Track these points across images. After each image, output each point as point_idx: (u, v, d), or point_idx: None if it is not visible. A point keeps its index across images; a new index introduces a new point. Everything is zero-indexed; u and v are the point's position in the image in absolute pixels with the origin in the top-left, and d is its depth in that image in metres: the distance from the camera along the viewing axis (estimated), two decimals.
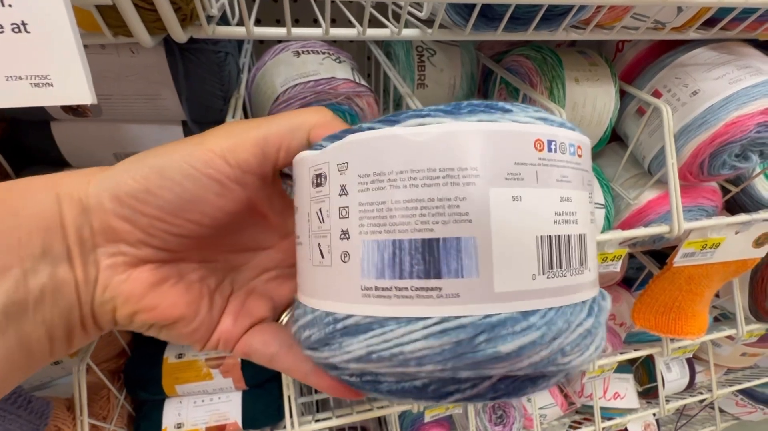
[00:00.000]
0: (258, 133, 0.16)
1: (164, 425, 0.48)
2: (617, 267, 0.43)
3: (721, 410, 0.83)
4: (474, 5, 0.29)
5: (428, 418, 0.56)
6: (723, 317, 0.68)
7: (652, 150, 0.42)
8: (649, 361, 0.70)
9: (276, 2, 0.53)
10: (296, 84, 0.37)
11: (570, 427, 0.67)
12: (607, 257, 0.41)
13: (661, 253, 0.60)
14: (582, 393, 0.67)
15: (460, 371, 0.12)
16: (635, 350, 0.58)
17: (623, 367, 0.70)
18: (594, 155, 0.49)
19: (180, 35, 0.26)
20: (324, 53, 0.40)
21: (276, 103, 0.37)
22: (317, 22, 0.31)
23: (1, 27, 0.16)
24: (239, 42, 0.45)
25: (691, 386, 0.73)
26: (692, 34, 0.37)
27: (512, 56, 0.45)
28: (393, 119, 0.13)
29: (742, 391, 0.79)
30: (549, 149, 0.13)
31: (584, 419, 0.69)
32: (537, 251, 0.12)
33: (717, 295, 0.60)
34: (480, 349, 0.12)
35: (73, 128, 0.34)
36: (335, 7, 0.38)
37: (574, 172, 0.14)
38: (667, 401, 0.66)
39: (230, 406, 0.50)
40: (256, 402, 0.50)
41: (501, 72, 0.44)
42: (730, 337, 0.59)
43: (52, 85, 0.17)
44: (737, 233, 0.42)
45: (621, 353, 0.57)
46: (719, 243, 0.42)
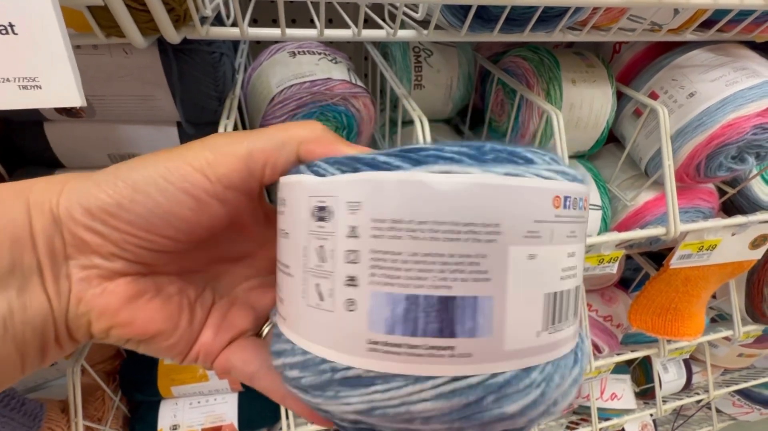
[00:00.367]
0: (242, 148, 0.15)
1: (160, 426, 0.48)
2: (614, 268, 0.43)
3: (718, 410, 0.83)
4: (470, 6, 0.29)
5: None
6: (720, 318, 0.68)
7: (649, 151, 0.42)
8: (646, 362, 0.70)
9: (272, 3, 0.53)
10: (292, 84, 0.36)
11: (567, 428, 0.67)
12: (604, 259, 0.41)
13: (658, 254, 0.60)
14: (579, 393, 0.67)
15: (465, 430, 0.12)
16: (632, 351, 0.58)
17: (620, 368, 0.70)
18: (591, 156, 0.49)
19: (173, 36, 0.26)
20: (320, 54, 0.40)
21: (271, 104, 0.37)
22: (314, 23, 0.31)
23: None
24: (235, 42, 0.45)
25: (688, 386, 0.73)
26: (689, 36, 0.37)
27: (509, 57, 0.45)
28: (413, 157, 0.12)
29: (739, 392, 0.80)
30: (564, 206, 0.13)
31: (581, 419, 0.69)
32: (544, 308, 0.12)
33: (714, 296, 0.60)
34: (488, 410, 0.12)
35: (67, 129, 0.34)
36: (332, 8, 0.38)
37: (580, 227, 0.13)
38: (664, 401, 0.66)
39: (226, 407, 0.49)
40: (253, 403, 0.50)
41: (498, 73, 0.44)
42: (727, 338, 0.59)
43: (41, 87, 0.17)
44: (734, 235, 0.42)
45: (618, 354, 0.57)
46: (716, 244, 0.42)
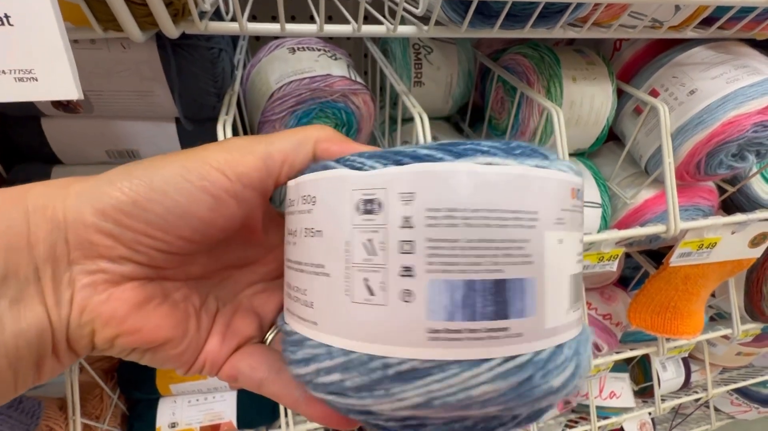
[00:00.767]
0: (260, 148, 0.15)
1: (158, 424, 0.48)
2: (614, 266, 0.43)
3: (716, 409, 0.83)
4: (470, 2, 0.28)
5: None
6: (718, 317, 0.68)
7: (649, 149, 0.42)
8: (645, 360, 0.71)
9: None
10: (291, 81, 0.36)
11: (566, 426, 0.68)
12: (604, 256, 0.41)
13: (658, 253, 0.60)
14: (578, 392, 0.67)
15: (518, 409, 0.12)
16: (631, 349, 0.58)
17: (619, 366, 0.70)
18: (591, 154, 0.49)
19: (171, 31, 0.26)
20: (320, 50, 0.40)
21: (270, 100, 0.36)
22: (314, 20, 0.30)
23: None
24: (234, 38, 0.45)
25: (687, 385, 0.73)
26: (690, 33, 0.37)
27: (510, 55, 0.45)
28: (454, 150, 0.13)
29: (737, 390, 0.80)
30: (577, 197, 0.14)
31: (580, 418, 0.69)
32: (569, 288, 0.14)
33: (713, 295, 0.60)
34: (538, 386, 0.12)
35: (64, 125, 0.34)
36: (332, 5, 0.38)
37: (582, 217, 0.15)
38: (663, 400, 0.66)
39: (225, 406, 0.49)
40: (252, 401, 0.50)
41: (498, 70, 0.44)
42: (726, 337, 0.59)
43: (37, 80, 0.17)
44: (733, 233, 0.42)
45: (617, 352, 0.57)
46: (715, 243, 0.42)
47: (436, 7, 0.29)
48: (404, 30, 0.31)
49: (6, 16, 0.15)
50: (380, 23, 0.32)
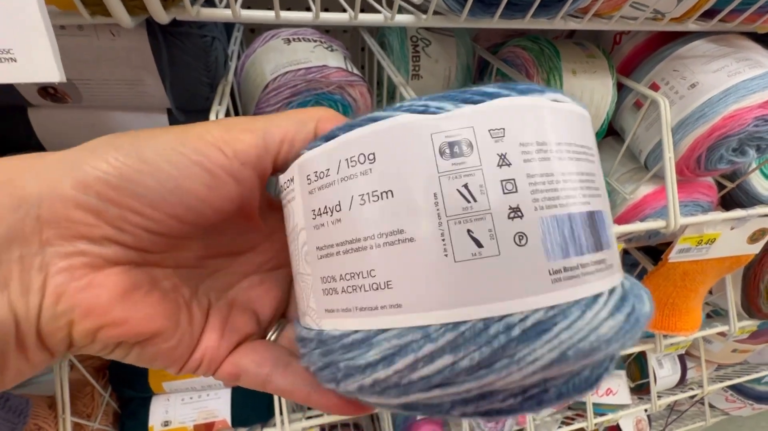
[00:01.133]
0: (259, 125, 0.14)
1: (151, 423, 0.47)
2: None
3: (711, 405, 0.83)
4: None
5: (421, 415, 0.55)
6: (715, 314, 0.68)
7: (649, 144, 0.41)
8: (641, 357, 0.71)
9: None
10: (286, 72, 0.35)
11: (562, 423, 0.67)
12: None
13: (655, 250, 0.60)
14: None
15: (626, 345, 0.11)
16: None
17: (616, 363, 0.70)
18: None
19: (162, 16, 0.25)
20: (316, 41, 0.39)
21: (265, 91, 0.36)
22: (309, 10, 0.30)
23: None
24: (228, 28, 0.44)
25: (683, 382, 0.73)
26: (691, 26, 0.36)
27: (509, 48, 0.44)
28: (517, 88, 0.12)
29: (732, 387, 0.80)
30: None
31: (576, 415, 0.69)
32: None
33: (710, 292, 0.60)
34: (642, 318, 0.12)
35: (52, 115, 0.33)
36: None
37: None
38: (659, 397, 0.66)
39: (219, 403, 0.49)
40: (246, 399, 0.49)
41: (497, 63, 0.43)
42: (722, 334, 0.59)
43: (16, 61, 0.16)
44: (733, 229, 0.42)
45: None
46: (715, 238, 0.42)
47: None
48: (402, 19, 0.31)
49: None
50: (377, 12, 0.31)
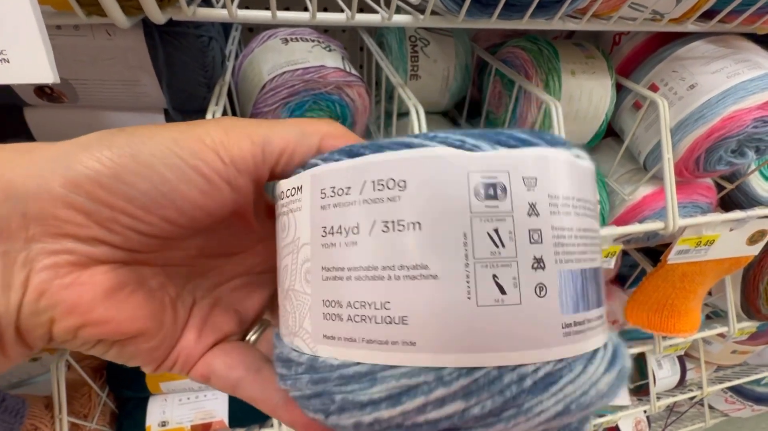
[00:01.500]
0: (259, 131, 0.13)
1: (148, 423, 0.47)
2: (611, 263, 0.42)
3: (711, 407, 0.83)
4: None
5: None
6: (714, 315, 0.68)
7: (648, 145, 0.41)
8: (641, 359, 0.70)
9: None
10: (284, 72, 0.35)
11: None
12: (601, 253, 0.41)
13: (654, 251, 0.60)
14: None
15: (614, 399, 0.12)
16: (628, 347, 0.57)
17: None
18: (589, 150, 0.48)
19: (158, 16, 0.25)
20: (314, 41, 0.39)
21: (263, 92, 0.35)
22: (307, 10, 0.30)
23: None
24: (226, 28, 0.44)
25: (682, 383, 0.73)
26: (690, 26, 0.36)
27: (507, 48, 0.44)
28: (545, 138, 0.12)
29: (732, 388, 0.80)
30: None
31: None
32: None
33: (709, 293, 0.60)
34: (626, 371, 0.12)
35: (48, 115, 0.33)
36: None
37: None
38: (658, 398, 0.66)
39: (217, 404, 0.48)
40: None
41: (496, 64, 0.43)
42: (722, 335, 0.59)
43: (9, 62, 0.16)
44: (732, 230, 0.42)
45: None
46: (714, 240, 0.42)
47: None
48: (399, 19, 0.31)
49: None
50: (375, 12, 0.31)
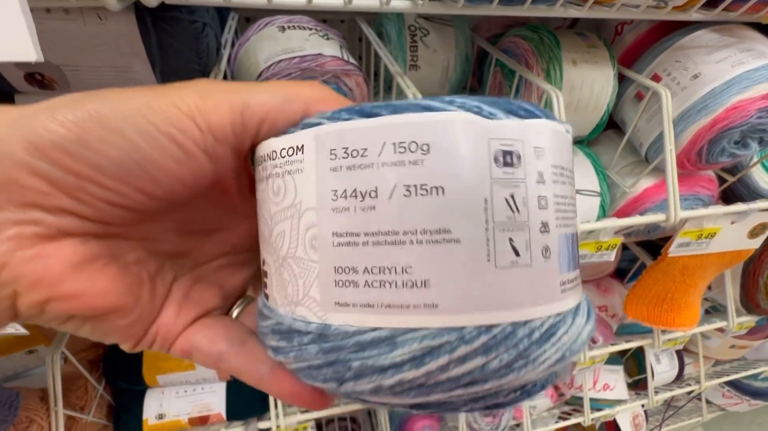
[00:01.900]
0: (238, 97, 0.12)
1: (145, 416, 0.46)
2: (611, 256, 0.42)
3: (708, 401, 0.83)
4: None
5: None
6: (713, 310, 0.67)
7: (650, 136, 0.41)
8: (639, 353, 0.70)
9: None
10: (281, 60, 0.35)
11: (559, 418, 0.67)
12: (602, 246, 0.40)
13: (654, 245, 0.59)
14: (572, 384, 0.66)
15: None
16: (627, 341, 0.57)
17: (613, 359, 0.70)
18: (590, 142, 0.48)
19: None
20: (311, 29, 0.38)
21: (259, 80, 0.35)
22: None
23: None
24: (222, 16, 0.43)
25: (680, 378, 0.73)
26: (694, 15, 0.36)
27: (508, 38, 0.43)
28: (544, 110, 0.13)
29: (729, 383, 0.80)
30: None
31: (574, 410, 0.68)
32: None
33: (709, 288, 0.60)
34: (594, 328, 0.14)
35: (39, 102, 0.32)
36: None
37: None
38: (656, 392, 0.66)
39: (214, 397, 0.48)
40: (241, 392, 0.49)
41: (496, 53, 0.42)
42: (721, 329, 0.59)
43: None
44: (733, 223, 0.41)
45: (612, 344, 0.57)
46: (715, 233, 0.41)
47: None
48: (398, 4, 0.30)
49: None
50: None
